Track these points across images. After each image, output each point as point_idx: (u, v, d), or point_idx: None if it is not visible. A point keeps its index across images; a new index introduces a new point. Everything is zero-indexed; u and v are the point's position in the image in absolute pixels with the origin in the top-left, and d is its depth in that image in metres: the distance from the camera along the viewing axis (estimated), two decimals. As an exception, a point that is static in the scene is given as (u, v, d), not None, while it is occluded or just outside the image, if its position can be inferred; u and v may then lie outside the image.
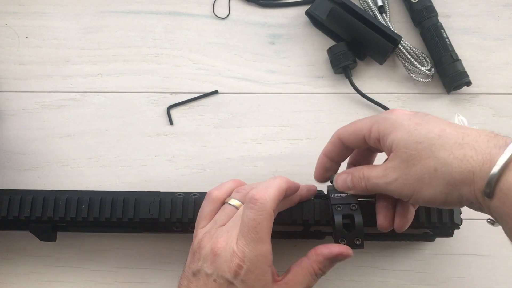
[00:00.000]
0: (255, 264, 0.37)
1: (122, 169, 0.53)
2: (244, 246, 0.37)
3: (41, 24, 0.58)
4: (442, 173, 0.34)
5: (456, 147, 0.34)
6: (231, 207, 0.41)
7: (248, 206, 0.38)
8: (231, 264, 0.37)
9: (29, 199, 0.46)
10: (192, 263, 0.40)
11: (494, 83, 0.55)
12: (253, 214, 0.37)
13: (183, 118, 0.55)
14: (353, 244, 0.40)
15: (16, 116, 0.55)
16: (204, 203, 0.43)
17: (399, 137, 0.36)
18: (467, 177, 0.33)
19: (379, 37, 0.53)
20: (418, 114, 0.38)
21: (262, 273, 0.37)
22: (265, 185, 0.39)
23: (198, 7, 0.58)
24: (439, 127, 0.36)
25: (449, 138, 0.35)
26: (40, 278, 0.50)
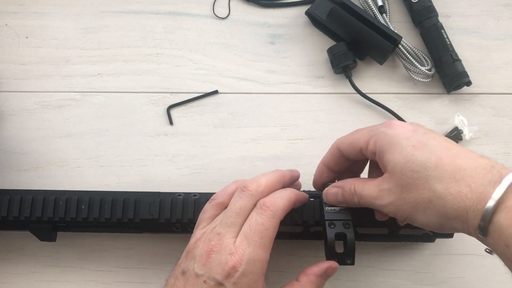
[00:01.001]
0: (251, 268, 0.36)
1: (122, 169, 0.53)
2: (244, 247, 0.37)
3: (41, 24, 0.58)
4: (436, 205, 0.34)
5: (452, 182, 0.34)
6: (220, 207, 0.41)
7: (259, 211, 0.38)
8: (225, 266, 0.36)
9: (29, 199, 0.46)
10: (184, 262, 0.39)
11: (494, 83, 0.55)
12: (263, 220, 0.37)
13: (183, 118, 0.55)
14: (344, 262, 0.41)
15: (16, 116, 0.55)
16: (207, 206, 0.42)
17: (395, 161, 0.36)
18: (461, 214, 0.34)
19: (379, 37, 0.53)
20: (417, 131, 0.38)
21: (255, 280, 0.37)
22: (277, 195, 0.39)
23: (198, 7, 0.58)
24: (436, 156, 0.35)
25: (446, 171, 0.34)
26: (40, 278, 0.50)
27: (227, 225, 0.38)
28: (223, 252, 0.37)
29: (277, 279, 0.49)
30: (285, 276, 0.50)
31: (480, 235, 0.33)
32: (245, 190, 0.40)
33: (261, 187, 0.40)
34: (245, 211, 0.39)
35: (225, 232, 0.38)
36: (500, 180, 0.32)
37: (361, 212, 0.43)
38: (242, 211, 0.39)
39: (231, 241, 0.37)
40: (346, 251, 0.41)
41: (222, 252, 0.37)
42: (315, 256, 0.49)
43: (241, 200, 0.39)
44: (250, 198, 0.39)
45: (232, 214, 0.39)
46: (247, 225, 0.38)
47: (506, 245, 0.32)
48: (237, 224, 0.38)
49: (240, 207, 0.39)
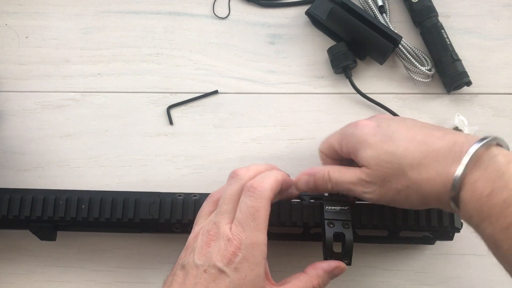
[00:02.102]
0: (251, 252, 0.36)
1: (122, 169, 0.53)
2: (240, 233, 0.36)
3: (41, 24, 0.58)
4: (415, 190, 0.37)
5: (422, 168, 0.36)
6: (214, 200, 0.42)
7: (247, 194, 0.38)
8: (225, 252, 0.36)
9: (29, 199, 0.46)
10: (183, 257, 0.39)
11: (494, 83, 0.55)
12: (252, 201, 0.37)
13: (183, 118, 0.55)
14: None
15: (16, 116, 0.55)
16: (205, 203, 0.43)
17: (369, 156, 0.39)
18: (436, 196, 0.36)
19: (379, 37, 0.53)
20: (381, 126, 0.40)
21: (256, 263, 0.36)
22: (262, 176, 0.39)
23: (198, 7, 0.58)
24: (403, 146, 0.37)
25: (414, 158, 0.37)
26: (40, 278, 0.50)
27: (221, 213, 0.38)
28: (221, 239, 0.37)
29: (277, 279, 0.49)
30: (285, 276, 0.49)
31: (455, 210, 0.36)
32: (234, 176, 0.40)
33: (250, 172, 0.40)
34: (235, 196, 0.39)
35: (220, 219, 0.38)
36: (461, 157, 0.34)
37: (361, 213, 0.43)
38: (233, 197, 0.39)
39: (227, 227, 0.37)
40: (344, 251, 0.41)
41: (220, 239, 0.37)
42: (315, 257, 0.49)
43: (230, 186, 0.39)
44: (239, 183, 0.39)
45: (225, 201, 0.39)
46: (238, 211, 0.38)
47: (469, 216, 0.34)
48: (230, 210, 0.38)
49: (231, 193, 0.39)
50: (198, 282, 0.36)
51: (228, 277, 0.36)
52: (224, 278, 0.36)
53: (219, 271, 0.36)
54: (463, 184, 0.34)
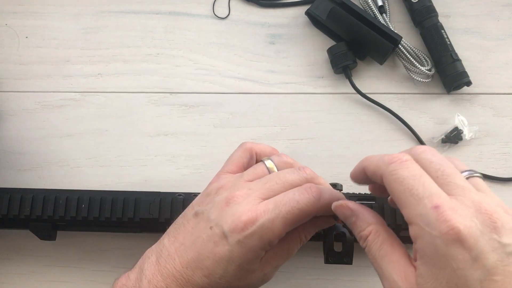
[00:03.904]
0: (261, 234, 0.33)
1: (122, 169, 0.53)
2: (268, 211, 0.34)
3: (41, 24, 0.58)
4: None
5: None
6: (263, 168, 0.38)
7: (302, 190, 0.35)
8: (237, 219, 0.33)
9: (29, 198, 0.46)
10: (200, 205, 0.37)
11: (494, 83, 0.55)
12: (301, 198, 0.34)
13: (183, 118, 0.55)
14: (341, 261, 0.41)
15: (16, 116, 0.55)
16: (236, 150, 0.40)
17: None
18: None
19: (379, 37, 0.53)
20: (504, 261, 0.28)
21: (259, 247, 0.34)
22: (328, 190, 0.36)
23: (198, 7, 0.58)
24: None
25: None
26: (40, 278, 0.50)
27: (265, 188, 0.36)
28: (243, 205, 0.34)
29: (277, 279, 0.49)
30: (285, 276, 0.50)
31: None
32: (303, 171, 0.37)
33: (317, 179, 0.37)
34: (291, 186, 0.36)
35: (257, 189, 0.35)
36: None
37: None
38: (288, 185, 0.36)
39: (257, 200, 0.35)
40: (344, 250, 0.41)
41: (243, 205, 0.34)
42: (315, 256, 0.49)
43: (294, 175, 0.36)
44: (305, 178, 0.36)
45: (278, 182, 0.36)
46: (283, 195, 0.35)
47: None
48: (274, 190, 0.35)
49: (290, 181, 0.36)
50: (201, 236, 0.35)
51: (229, 245, 0.34)
52: (224, 245, 0.34)
53: (223, 234, 0.34)
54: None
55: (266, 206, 0.34)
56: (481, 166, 0.53)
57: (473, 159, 0.53)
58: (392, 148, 0.53)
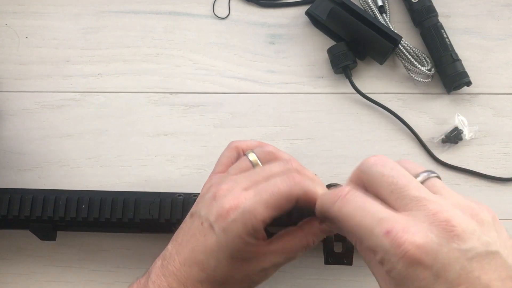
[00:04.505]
0: (244, 219, 0.34)
1: (122, 169, 0.53)
2: (248, 198, 0.34)
3: (41, 24, 0.58)
4: None
5: None
6: (247, 162, 0.39)
7: (283, 177, 0.35)
8: (221, 208, 0.34)
9: (29, 199, 0.46)
10: (195, 206, 0.39)
11: (494, 83, 0.55)
12: (281, 183, 0.34)
13: (183, 118, 0.55)
14: (341, 261, 0.41)
15: (16, 116, 0.55)
16: (224, 150, 0.42)
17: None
18: None
19: (379, 37, 0.53)
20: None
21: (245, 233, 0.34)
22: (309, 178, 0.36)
23: (198, 7, 0.58)
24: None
25: None
26: (40, 278, 0.50)
27: (249, 180, 0.36)
28: (228, 197, 0.35)
29: (277, 279, 0.49)
30: (285, 276, 0.50)
31: None
32: (289, 164, 0.37)
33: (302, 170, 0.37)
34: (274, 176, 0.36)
35: (241, 182, 0.36)
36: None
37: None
38: (272, 176, 0.36)
39: (241, 191, 0.35)
40: (344, 251, 0.41)
41: (227, 196, 0.35)
42: (315, 256, 0.49)
43: (276, 166, 0.37)
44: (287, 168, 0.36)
45: (262, 174, 0.36)
46: (264, 183, 0.35)
47: None
48: (258, 182, 0.36)
49: (274, 172, 0.36)
50: (195, 233, 0.36)
51: (215, 235, 0.35)
52: (212, 235, 0.35)
53: (210, 226, 0.35)
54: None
55: (248, 194, 0.35)
56: (481, 166, 0.53)
57: (473, 159, 0.53)
58: (392, 148, 0.53)
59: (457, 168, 0.52)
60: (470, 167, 0.52)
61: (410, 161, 0.33)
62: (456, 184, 0.52)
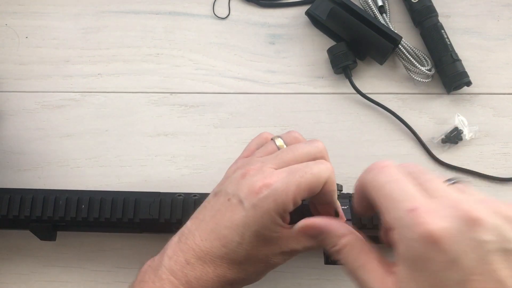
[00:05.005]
0: (276, 197, 0.34)
1: (122, 169, 0.53)
2: (282, 177, 0.34)
3: (41, 24, 0.58)
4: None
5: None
6: (273, 145, 0.40)
7: (316, 161, 0.36)
8: (253, 185, 0.34)
9: (29, 198, 0.46)
10: (218, 186, 0.39)
11: (494, 83, 0.55)
12: (313, 168, 0.35)
13: (183, 118, 0.55)
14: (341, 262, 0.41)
15: (16, 116, 0.55)
16: (254, 138, 0.42)
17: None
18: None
19: (379, 37, 0.53)
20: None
21: (276, 210, 0.34)
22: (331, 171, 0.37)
23: (198, 7, 0.58)
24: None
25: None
26: (40, 278, 0.50)
27: (277, 159, 0.37)
28: (258, 175, 0.35)
29: (277, 279, 0.49)
30: (285, 276, 0.50)
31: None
32: (315, 143, 0.38)
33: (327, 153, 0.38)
34: (304, 158, 0.37)
35: (269, 161, 0.36)
36: None
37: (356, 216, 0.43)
38: (300, 156, 0.37)
39: (271, 169, 0.36)
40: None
41: (258, 175, 0.35)
42: (315, 256, 0.49)
43: (306, 146, 0.37)
44: (315, 150, 0.37)
45: (289, 153, 0.37)
46: (297, 165, 0.36)
47: None
48: (286, 161, 0.36)
49: (301, 152, 0.37)
50: (220, 208, 0.36)
51: (244, 210, 0.35)
52: (240, 210, 0.35)
53: (239, 201, 0.35)
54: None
55: (281, 173, 0.35)
56: (481, 166, 0.53)
57: (473, 159, 0.53)
58: (392, 148, 0.53)
59: (457, 168, 0.52)
60: (470, 167, 0.52)
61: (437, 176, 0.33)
62: (456, 184, 0.52)
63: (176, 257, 0.36)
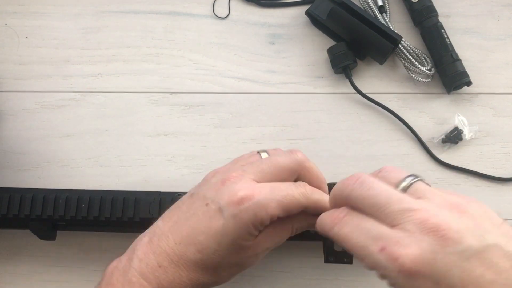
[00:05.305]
0: (257, 211, 0.34)
1: (122, 169, 0.53)
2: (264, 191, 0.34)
3: (41, 24, 0.58)
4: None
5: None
6: (257, 156, 0.39)
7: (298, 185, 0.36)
8: (234, 194, 0.34)
9: (29, 197, 0.46)
10: (195, 188, 0.38)
11: (494, 83, 0.55)
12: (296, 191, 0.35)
13: (183, 118, 0.55)
14: (341, 260, 0.41)
15: (16, 116, 0.55)
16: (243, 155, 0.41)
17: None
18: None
19: (379, 37, 0.53)
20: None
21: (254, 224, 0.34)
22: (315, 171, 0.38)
23: (198, 7, 0.58)
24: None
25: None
26: (40, 278, 0.50)
27: (258, 171, 0.36)
28: (240, 184, 0.35)
29: (277, 279, 0.49)
30: (285, 276, 0.50)
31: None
32: (294, 154, 0.38)
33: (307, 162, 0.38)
34: (283, 170, 0.37)
35: (250, 172, 0.36)
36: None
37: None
38: (279, 169, 0.37)
39: (251, 181, 0.35)
40: (344, 250, 0.41)
41: (239, 184, 0.35)
42: (315, 256, 0.49)
43: (285, 158, 0.37)
44: (294, 162, 0.37)
45: (269, 165, 0.37)
46: (279, 183, 0.36)
47: None
48: (268, 174, 0.36)
49: (282, 164, 0.37)
50: (196, 213, 0.35)
51: (224, 219, 0.34)
52: (219, 218, 0.34)
53: (218, 209, 0.35)
54: None
55: (263, 187, 0.35)
56: (481, 166, 0.53)
57: (473, 159, 0.53)
58: (392, 148, 0.53)
59: (457, 168, 0.52)
60: (470, 167, 0.52)
61: (390, 168, 0.33)
62: (456, 184, 0.52)
63: (148, 259, 0.35)
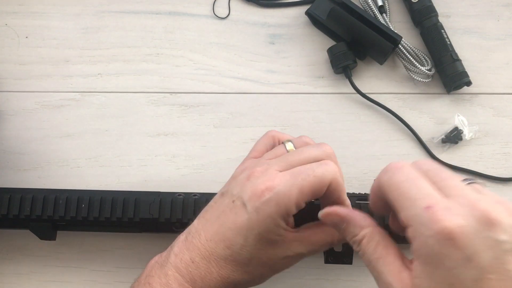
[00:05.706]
0: (278, 200, 0.34)
1: (122, 169, 0.53)
2: (284, 180, 0.35)
3: (41, 24, 0.58)
4: None
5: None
6: (283, 149, 0.39)
7: (320, 163, 0.36)
8: (256, 188, 0.35)
9: (29, 198, 0.46)
10: (226, 187, 0.39)
11: (494, 83, 0.55)
12: (316, 170, 0.35)
13: (183, 118, 0.55)
14: (341, 261, 0.41)
15: (16, 116, 0.55)
16: (261, 138, 0.42)
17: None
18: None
19: (379, 37, 0.53)
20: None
21: (279, 213, 0.34)
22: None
23: (198, 7, 0.58)
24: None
25: None
26: (40, 278, 0.50)
27: (283, 162, 0.37)
28: (262, 178, 0.36)
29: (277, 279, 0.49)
30: (285, 276, 0.50)
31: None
32: (322, 147, 0.38)
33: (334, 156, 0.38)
34: (309, 161, 0.37)
35: (275, 164, 0.37)
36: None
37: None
38: (307, 159, 0.37)
39: (275, 172, 0.36)
40: (344, 250, 0.41)
41: (262, 177, 0.36)
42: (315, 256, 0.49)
43: (314, 150, 0.37)
44: (325, 154, 0.37)
45: (296, 157, 0.37)
46: (300, 166, 0.36)
47: None
48: (293, 164, 0.37)
49: (308, 155, 0.37)
50: (225, 210, 0.37)
51: (247, 213, 0.35)
52: (243, 213, 0.35)
53: (242, 204, 0.36)
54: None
55: (284, 176, 0.35)
56: (481, 166, 0.53)
57: (473, 159, 0.53)
58: (392, 148, 0.53)
59: (457, 168, 0.52)
60: (470, 167, 0.52)
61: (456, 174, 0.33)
62: (456, 184, 0.52)
63: (182, 255, 0.37)
